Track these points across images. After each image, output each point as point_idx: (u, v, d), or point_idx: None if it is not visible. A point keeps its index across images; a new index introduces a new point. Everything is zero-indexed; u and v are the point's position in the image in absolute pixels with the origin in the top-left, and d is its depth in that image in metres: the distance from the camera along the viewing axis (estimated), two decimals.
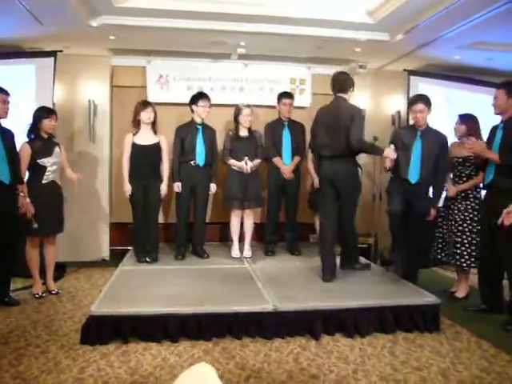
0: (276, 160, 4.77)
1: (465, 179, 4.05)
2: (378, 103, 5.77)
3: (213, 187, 4.73)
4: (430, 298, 3.46)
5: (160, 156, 4.50)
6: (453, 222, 4.10)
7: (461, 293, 4.17)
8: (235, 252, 4.78)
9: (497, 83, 5.53)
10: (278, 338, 3.10)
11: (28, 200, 3.74)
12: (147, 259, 4.42)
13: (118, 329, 2.99)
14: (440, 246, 4.23)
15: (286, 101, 4.79)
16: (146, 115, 4.39)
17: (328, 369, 2.72)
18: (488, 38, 4.48)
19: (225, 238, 5.37)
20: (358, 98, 5.69)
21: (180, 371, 2.61)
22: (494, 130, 3.64)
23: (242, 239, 4.88)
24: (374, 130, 5.54)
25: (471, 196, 4.04)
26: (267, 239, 4.95)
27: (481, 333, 3.32)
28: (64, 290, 4.19)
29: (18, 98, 4.06)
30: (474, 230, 3.99)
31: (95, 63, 5.24)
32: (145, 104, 4.45)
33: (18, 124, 3.99)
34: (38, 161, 3.91)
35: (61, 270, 4.67)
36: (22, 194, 3.72)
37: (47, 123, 3.97)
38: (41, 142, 3.97)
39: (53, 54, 4.87)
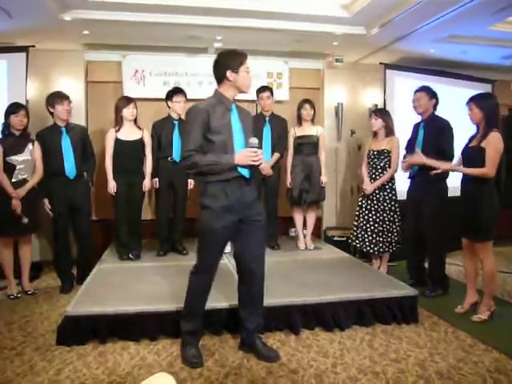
0: None
1: (380, 171, 4.31)
2: (354, 97, 5.79)
3: (190, 182, 4.69)
4: (407, 290, 3.49)
5: (144, 151, 4.46)
6: (374, 212, 4.34)
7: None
8: None
9: (473, 76, 5.62)
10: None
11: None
12: (130, 256, 4.38)
13: (94, 329, 2.94)
14: (355, 233, 4.48)
15: (263, 94, 4.77)
16: (129, 112, 4.34)
17: (307, 363, 2.72)
18: (461, 31, 4.55)
19: None
20: (335, 91, 5.72)
21: (158, 370, 2.59)
22: (416, 126, 4.16)
23: None
24: (352, 123, 5.59)
25: (387, 187, 4.31)
26: None
27: (457, 323, 3.35)
28: (40, 290, 4.12)
29: None
30: (392, 219, 4.30)
31: (69, 58, 5.15)
32: (127, 100, 4.38)
33: None
34: (7, 158, 3.82)
35: (37, 269, 4.58)
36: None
37: (14, 119, 3.86)
38: (12, 139, 3.88)
39: (24, 49, 4.74)
